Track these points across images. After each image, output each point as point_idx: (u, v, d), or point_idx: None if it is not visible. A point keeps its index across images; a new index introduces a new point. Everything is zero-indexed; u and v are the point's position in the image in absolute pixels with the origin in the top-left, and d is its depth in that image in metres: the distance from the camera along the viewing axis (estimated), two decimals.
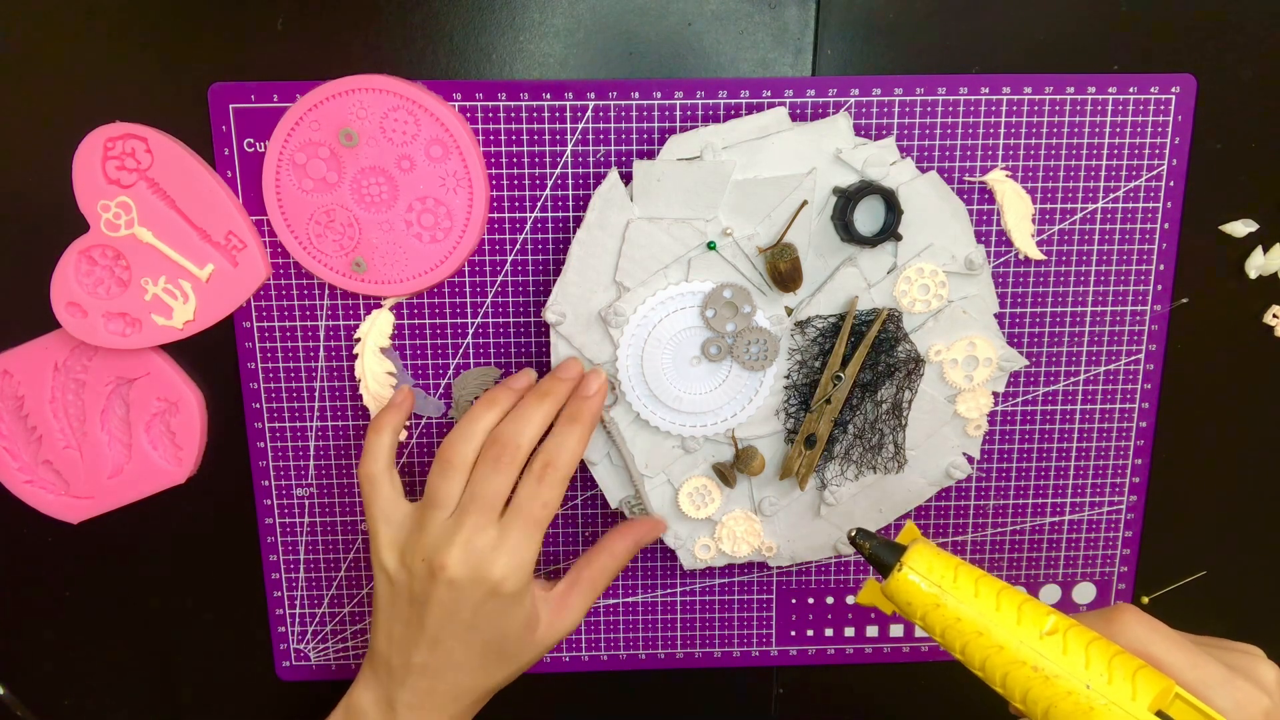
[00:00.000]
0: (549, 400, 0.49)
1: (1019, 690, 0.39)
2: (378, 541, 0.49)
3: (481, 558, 0.47)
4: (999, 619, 0.40)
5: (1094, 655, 0.38)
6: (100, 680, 0.60)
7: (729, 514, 0.55)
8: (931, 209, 0.51)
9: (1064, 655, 0.39)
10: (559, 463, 0.48)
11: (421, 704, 0.49)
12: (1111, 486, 0.58)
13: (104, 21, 0.50)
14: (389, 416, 0.52)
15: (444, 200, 0.51)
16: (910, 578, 0.41)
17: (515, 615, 0.48)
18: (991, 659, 0.40)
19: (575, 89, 0.51)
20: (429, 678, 0.48)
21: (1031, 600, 0.40)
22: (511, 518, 0.48)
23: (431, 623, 0.47)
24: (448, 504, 0.48)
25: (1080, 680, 0.38)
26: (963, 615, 0.40)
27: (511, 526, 0.47)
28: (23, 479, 0.55)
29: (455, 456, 0.48)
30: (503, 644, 0.49)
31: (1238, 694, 0.39)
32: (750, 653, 0.61)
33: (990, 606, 0.40)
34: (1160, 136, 0.53)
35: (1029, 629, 0.39)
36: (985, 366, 0.53)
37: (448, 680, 0.48)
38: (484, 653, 0.49)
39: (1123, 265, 0.55)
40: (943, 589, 0.40)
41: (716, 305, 0.51)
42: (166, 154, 0.50)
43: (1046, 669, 0.38)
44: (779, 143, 0.50)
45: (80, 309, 0.51)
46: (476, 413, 0.49)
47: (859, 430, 0.53)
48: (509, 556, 0.47)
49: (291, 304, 0.53)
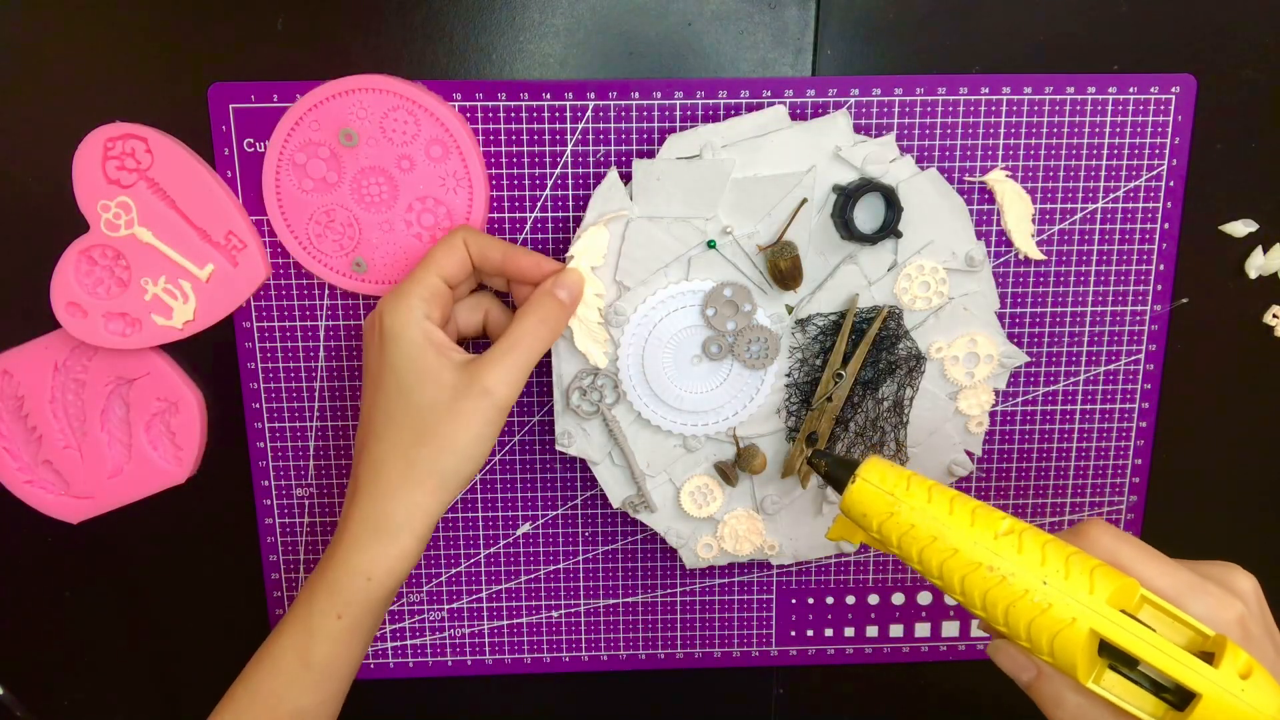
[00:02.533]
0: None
1: (977, 593, 0.39)
2: (371, 349, 0.48)
3: (383, 302, 0.47)
4: (953, 522, 0.39)
5: (1050, 554, 0.38)
6: (100, 680, 0.60)
7: (731, 513, 0.55)
8: (931, 206, 0.51)
9: (1019, 554, 0.38)
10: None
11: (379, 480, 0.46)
12: (1111, 486, 0.58)
13: (104, 21, 0.50)
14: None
15: (444, 200, 0.51)
16: (865, 487, 0.41)
17: (412, 357, 0.46)
18: (948, 563, 0.39)
19: (575, 89, 0.51)
20: (380, 446, 0.46)
21: (985, 505, 0.40)
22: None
23: (370, 379, 0.47)
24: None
25: (1037, 577, 0.38)
26: (917, 521, 0.40)
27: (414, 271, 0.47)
28: (23, 479, 0.55)
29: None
30: (410, 392, 0.46)
31: (1209, 599, 0.38)
32: (750, 653, 0.60)
33: (944, 511, 0.40)
34: (1160, 136, 0.53)
35: (983, 530, 0.39)
36: (986, 363, 0.53)
37: (394, 448, 0.46)
38: (404, 407, 0.46)
39: (1123, 265, 0.55)
40: (896, 496, 0.40)
41: (717, 304, 0.51)
42: (166, 154, 0.50)
43: (1002, 568, 0.38)
44: (778, 141, 0.50)
45: (80, 309, 0.51)
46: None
47: (860, 428, 0.53)
48: (395, 296, 0.46)
49: (291, 304, 0.53)
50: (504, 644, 0.60)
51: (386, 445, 0.46)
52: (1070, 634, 0.37)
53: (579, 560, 0.58)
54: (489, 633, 0.59)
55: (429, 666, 0.60)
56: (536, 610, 0.59)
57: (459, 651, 0.60)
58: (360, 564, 0.46)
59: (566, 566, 0.58)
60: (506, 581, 0.59)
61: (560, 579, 0.59)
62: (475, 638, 0.59)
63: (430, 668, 0.60)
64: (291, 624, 0.47)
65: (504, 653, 0.60)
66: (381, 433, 0.46)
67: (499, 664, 0.60)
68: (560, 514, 0.58)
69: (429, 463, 0.46)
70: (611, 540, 0.58)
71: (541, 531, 0.58)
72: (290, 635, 0.47)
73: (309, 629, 0.46)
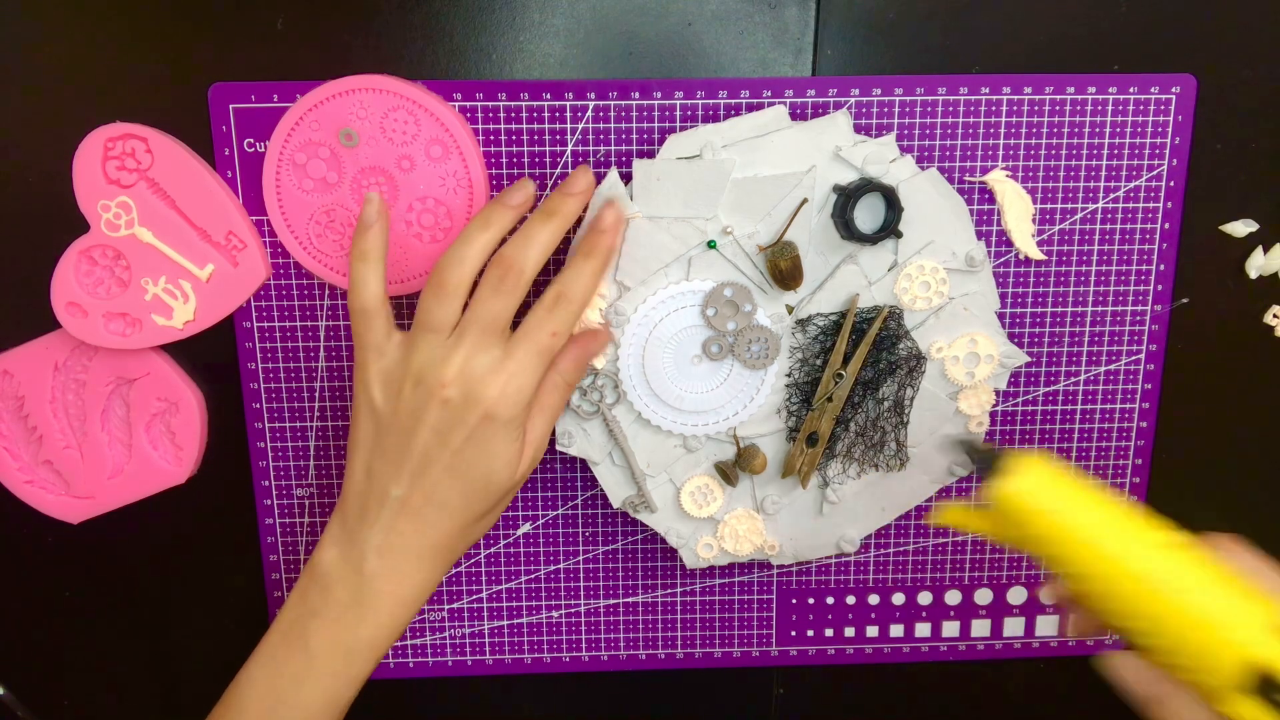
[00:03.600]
0: (556, 220, 0.46)
1: (1128, 604, 0.38)
2: (366, 374, 0.46)
3: (479, 378, 0.44)
4: (1117, 528, 0.38)
5: (1207, 572, 0.37)
6: (100, 680, 0.60)
7: (731, 513, 0.55)
8: (931, 206, 0.51)
9: (1176, 569, 0.37)
10: (572, 294, 0.45)
11: (394, 547, 0.46)
12: (1111, 486, 0.58)
13: (104, 21, 0.50)
14: (370, 238, 0.46)
15: (444, 200, 0.51)
16: (1023, 485, 0.39)
17: (506, 447, 0.45)
18: (1104, 569, 0.38)
19: (575, 89, 0.51)
20: (406, 515, 0.45)
21: (1148, 515, 0.39)
22: (518, 341, 0.45)
23: (418, 450, 0.45)
24: (444, 327, 0.45)
25: (1193, 594, 0.37)
26: (1081, 523, 0.39)
27: (516, 350, 0.45)
28: (23, 479, 0.55)
29: (450, 279, 0.45)
30: (488, 479, 0.46)
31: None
32: (750, 653, 0.60)
33: (1109, 515, 0.39)
34: (1160, 136, 0.53)
35: (1141, 542, 0.38)
36: (987, 363, 0.53)
37: (425, 519, 0.45)
38: (468, 488, 0.46)
39: (1123, 265, 0.55)
40: (1056, 497, 0.39)
41: (717, 304, 0.51)
42: (166, 154, 0.50)
43: (1157, 582, 0.37)
44: (778, 141, 0.50)
45: (80, 309, 0.51)
46: (470, 234, 0.46)
47: (861, 428, 0.53)
48: (509, 380, 0.44)
49: (291, 304, 0.53)
50: (504, 644, 0.60)
51: (444, 515, 0.46)
52: (1226, 656, 0.36)
53: (579, 560, 0.58)
54: (489, 633, 0.59)
55: (429, 666, 0.60)
56: (536, 610, 0.59)
57: (459, 651, 0.60)
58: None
59: (566, 566, 0.58)
60: (506, 581, 0.59)
61: (560, 579, 0.59)
62: (475, 638, 0.59)
63: (430, 668, 0.60)
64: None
65: (504, 653, 0.60)
66: (444, 499, 0.46)
67: (499, 664, 0.60)
68: (560, 514, 0.58)
69: (480, 527, 0.48)
70: (611, 540, 0.58)
71: (541, 531, 0.58)
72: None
73: None
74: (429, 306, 0.45)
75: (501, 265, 0.45)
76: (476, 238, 0.46)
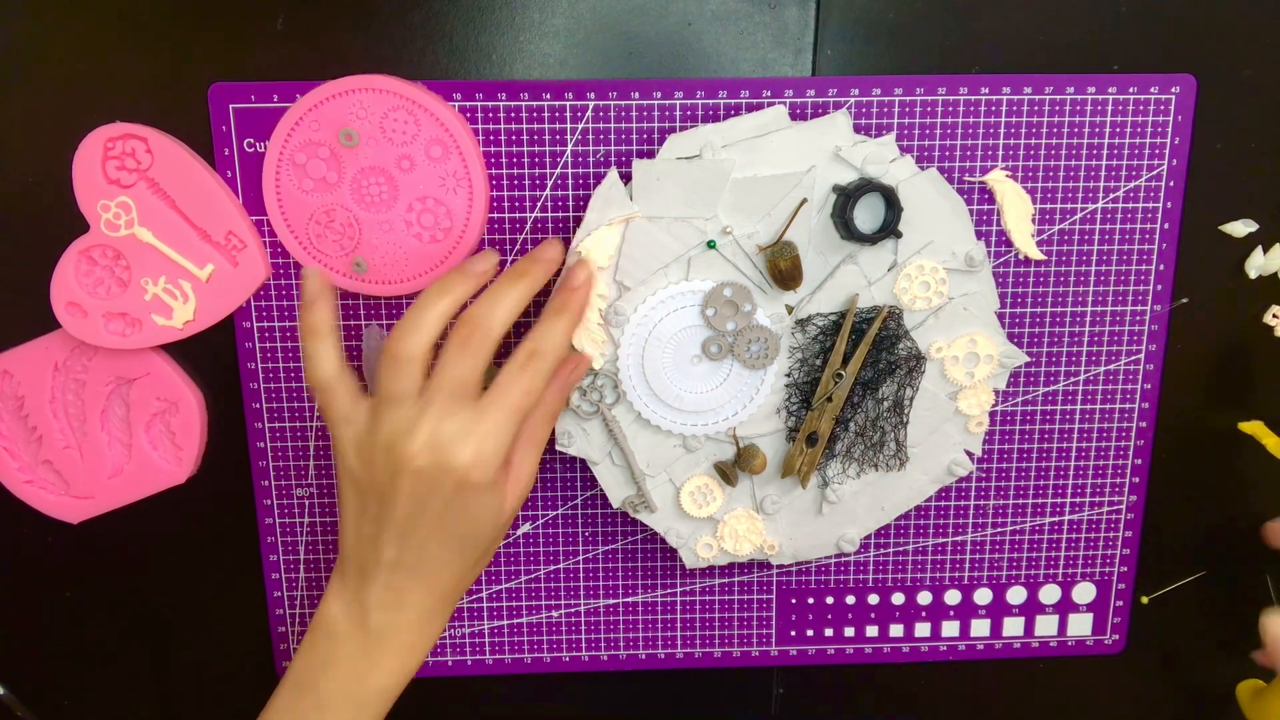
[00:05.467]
0: (525, 281, 0.46)
1: None
2: (340, 443, 0.46)
3: (448, 446, 0.43)
4: None
5: None
6: (100, 680, 0.60)
7: (731, 513, 0.55)
8: (931, 206, 0.51)
9: None
10: (545, 350, 0.45)
11: (394, 603, 0.46)
12: (1111, 486, 0.58)
13: (104, 21, 0.50)
14: (316, 313, 0.46)
15: (444, 200, 0.51)
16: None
17: (488, 505, 0.45)
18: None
19: (575, 89, 0.51)
20: (401, 574, 0.45)
21: None
22: (490, 402, 0.44)
23: (400, 517, 0.44)
24: (407, 395, 0.44)
25: None
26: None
27: (488, 411, 0.44)
28: (23, 479, 0.55)
29: (405, 350, 0.44)
30: (476, 534, 0.46)
31: None
32: (750, 653, 0.61)
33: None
34: (1160, 136, 0.53)
35: None
36: (986, 363, 0.53)
37: (421, 576, 0.46)
38: (458, 545, 0.46)
39: (1123, 265, 0.55)
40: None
41: (717, 304, 0.51)
42: (166, 154, 0.50)
43: None
44: (778, 141, 0.50)
45: (80, 309, 0.51)
46: (427, 299, 0.45)
47: (860, 428, 0.53)
48: (480, 443, 0.43)
49: (291, 304, 0.53)
50: (504, 644, 0.60)
51: (439, 570, 0.46)
52: None
53: (579, 560, 0.58)
54: (489, 633, 0.59)
55: (429, 666, 0.60)
56: (536, 610, 0.59)
57: (459, 651, 0.60)
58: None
59: (566, 566, 0.58)
60: (506, 581, 0.59)
61: (560, 579, 0.59)
62: (475, 638, 0.59)
63: (431, 668, 0.60)
64: None
65: (504, 653, 0.60)
66: (434, 555, 0.46)
67: (499, 664, 0.60)
68: (560, 514, 0.58)
69: (475, 572, 0.49)
70: (611, 540, 0.58)
71: (541, 531, 0.58)
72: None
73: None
74: (388, 378, 0.44)
75: (468, 325, 0.45)
76: (434, 304, 0.45)
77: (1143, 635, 0.61)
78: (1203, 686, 0.63)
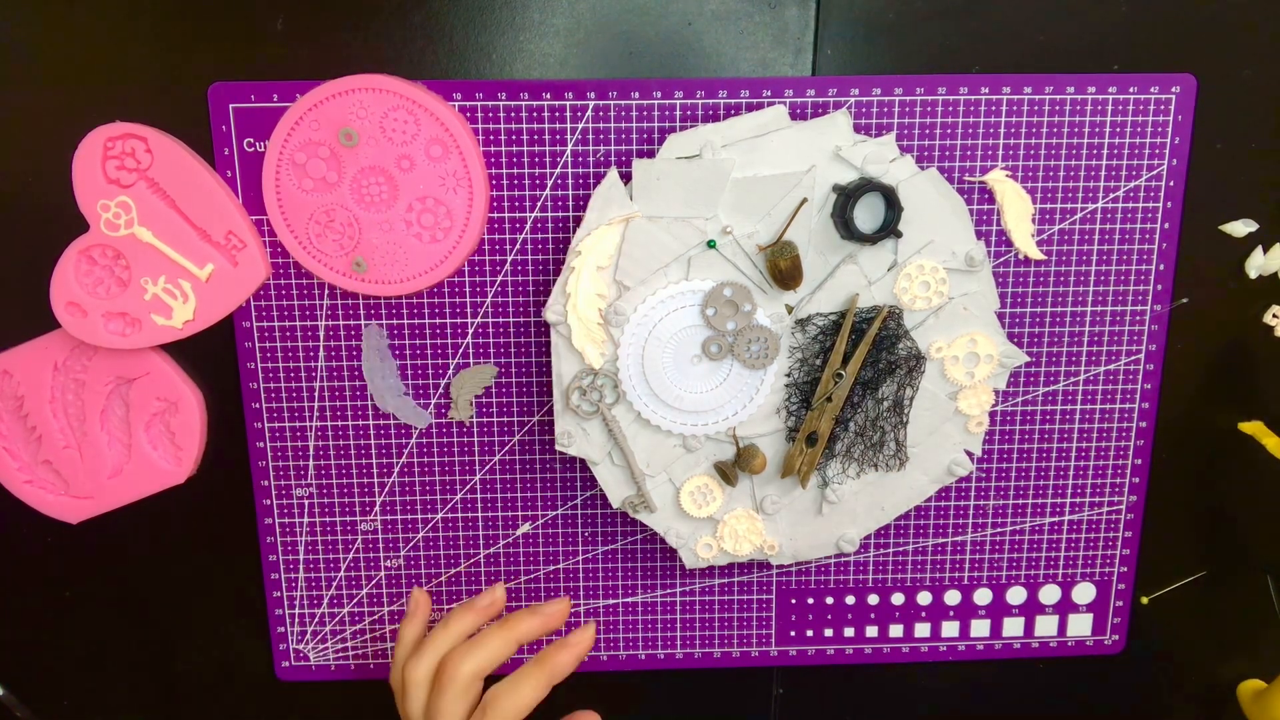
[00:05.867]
0: (512, 635, 0.50)
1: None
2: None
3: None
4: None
5: None
6: (100, 680, 0.60)
7: (731, 513, 0.55)
8: (931, 205, 0.51)
9: None
10: (502, 711, 0.48)
11: None
12: (1111, 486, 0.58)
13: (104, 21, 0.50)
14: (412, 627, 0.53)
15: (444, 200, 0.51)
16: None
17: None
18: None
19: (575, 89, 0.51)
20: None
21: None
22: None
23: None
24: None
25: None
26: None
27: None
28: (23, 479, 0.55)
29: (411, 678, 0.50)
30: None
31: None
32: (750, 653, 0.60)
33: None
34: (1160, 136, 0.53)
35: None
36: (986, 363, 0.53)
37: None
38: None
39: (1123, 265, 0.55)
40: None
41: (717, 304, 0.51)
42: (166, 154, 0.50)
43: None
44: (778, 140, 0.50)
45: (80, 309, 0.51)
46: (435, 636, 0.51)
47: (860, 428, 0.53)
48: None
49: (291, 304, 0.53)
50: None
51: None
52: None
53: (579, 560, 0.58)
54: None
55: None
56: None
57: None
58: None
59: (566, 566, 0.58)
60: (506, 581, 0.59)
61: (560, 579, 0.59)
62: None
63: None
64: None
65: None
66: None
67: None
68: (560, 514, 0.58)
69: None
70: (611, 540, 0.58)
71: (541, 531, 0.58)
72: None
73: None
74: (401, 706, 0.51)
75: (444, 674, 0.49)
76: (438, 640, 0.51)
77: (1143, 635, 0.61)
78: (1203, 686, 0.63)
